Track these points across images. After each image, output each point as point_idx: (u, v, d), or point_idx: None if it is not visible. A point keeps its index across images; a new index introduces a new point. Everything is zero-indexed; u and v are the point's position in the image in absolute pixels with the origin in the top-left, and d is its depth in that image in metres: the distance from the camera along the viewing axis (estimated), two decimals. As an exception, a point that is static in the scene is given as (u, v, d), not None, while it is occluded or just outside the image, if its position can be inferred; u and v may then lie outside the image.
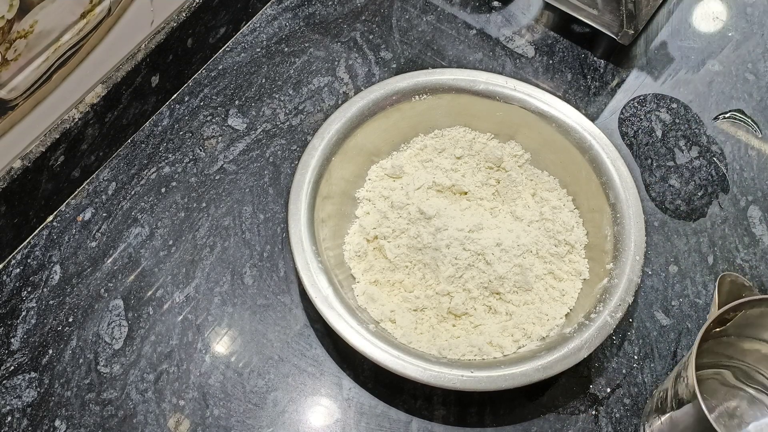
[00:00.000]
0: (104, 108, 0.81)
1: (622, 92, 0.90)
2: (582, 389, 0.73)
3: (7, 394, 0.72)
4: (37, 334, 0.75)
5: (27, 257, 0.79)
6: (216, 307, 0.77)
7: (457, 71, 0.82)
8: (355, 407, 0.73)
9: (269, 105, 0.88)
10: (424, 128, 0.82)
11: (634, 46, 0.93)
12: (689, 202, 0.83)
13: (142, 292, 0.78)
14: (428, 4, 0.95)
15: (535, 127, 0.80)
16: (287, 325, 0.76)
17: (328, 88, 0.90)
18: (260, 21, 0.94)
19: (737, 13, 0.97)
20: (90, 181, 0.83)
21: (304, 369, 0.74)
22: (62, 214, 0.81)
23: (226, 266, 0.79)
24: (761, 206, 0.83)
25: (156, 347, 0.75)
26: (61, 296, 0.77)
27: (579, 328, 0.70)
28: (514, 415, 0.72)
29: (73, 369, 0.74)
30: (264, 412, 0.72)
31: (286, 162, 0.85)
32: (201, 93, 0.89)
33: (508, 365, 0.68)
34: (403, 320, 0.73)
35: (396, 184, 0.80)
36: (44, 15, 0.70)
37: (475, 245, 0.74)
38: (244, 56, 0.92)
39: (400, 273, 0.76)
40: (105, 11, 0.76)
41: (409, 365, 0.67)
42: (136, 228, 0.81)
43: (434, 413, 0.72)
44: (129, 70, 0.81)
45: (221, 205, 0.82)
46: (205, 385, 0.73)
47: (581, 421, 0.72)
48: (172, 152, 0.85)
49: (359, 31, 0.94)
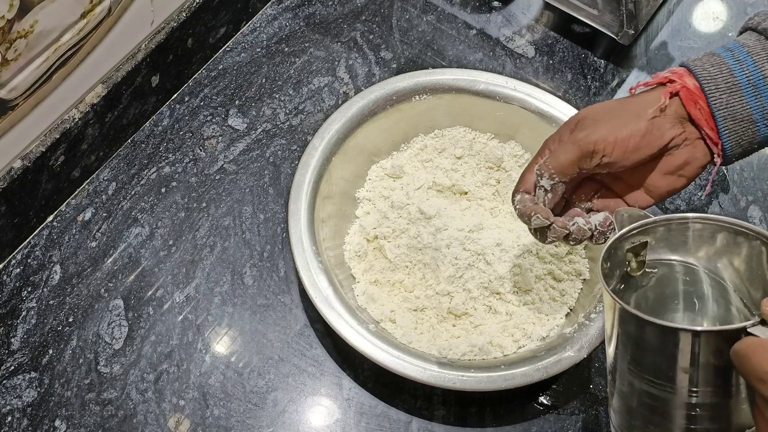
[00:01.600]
0: (104, 108, 0.81)
1: (623, 92, 0.90)
2: (582, 389, 0.73)
3: (7, 394, 0.72)
4: (37, 334, 0.75)
5: (27, 257, 0.79)
6: (216, 307, 0.77)
7: (457, 71, 0.82)
8: (355, 407, 0.73)
9: (269, 105, 0.88)
10: (424, 128, 0.82)
11: (635, 46, 0.93)
12: (689, 202, 0.83)
13: (142, 292, 0.78)
14: (428, 4, 0.95)
15: (536, 127, 0.80)
16: (287, 325, 0.76)
17: (329, 88, 0.90)
18: (260, 21, 0.94)
19: (737, 13, 0.97)
20: (90, 181, 0.83)
21: (304, 369, 0.74)
22: (62, 214, 0.81)
23: (226, 266, 0.79)
24: (761, 206, 0.83)
25: (156, 347, 0.75)
26: (62, 296, 0.77)
27: (579, 328, 0.70)
28: (514, 415, 0.72)
29: (73, 369, 0.74)
30: (264, 412, 0.72)
31: (286, 162, 0.85)
32: (201, 93, 0.89)
33: (508, 365, 0.68)
34: (403, 320, 0.73)
35: (396, 184, 0.80)
36: (44, 15, 0.70)
37: (475, 245, 0.74)
38: (245, 56, 0.92)
39: (400, 273, 0.76)
40: (105, 11, 0.76)
41: (409, 365, 0.67)
42: (136, 228, 0.81)
43: (434, 413, 0.72)
44: (129, 70, 0.81)
45: (221, 205, 0.82)
46: (205, 385, 0.73)
47: (581, 421, 0.72)
48: (173, 152, 0.85)
49: (359, 31, 0.94)
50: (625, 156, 0.62)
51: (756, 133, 0.61)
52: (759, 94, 0.60)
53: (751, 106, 0.60)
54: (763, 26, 0.61)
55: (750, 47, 0.61)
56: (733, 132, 0.61)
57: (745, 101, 0.60)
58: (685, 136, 0.62)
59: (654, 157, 0.63)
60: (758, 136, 0.61)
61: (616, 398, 0.58)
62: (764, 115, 0.60)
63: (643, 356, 0.54)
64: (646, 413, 0.56)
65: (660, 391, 0.54)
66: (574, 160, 0.62)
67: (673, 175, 0.63)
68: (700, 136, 0.62)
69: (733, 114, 0.60)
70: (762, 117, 0.60)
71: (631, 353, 0.56)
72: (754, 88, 0.60)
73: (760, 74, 0.60)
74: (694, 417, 0.53)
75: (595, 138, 0.61)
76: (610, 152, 0.61)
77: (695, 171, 0.63)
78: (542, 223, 0.63)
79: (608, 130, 0.61)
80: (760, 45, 0.61)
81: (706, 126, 0.61)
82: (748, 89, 0.60)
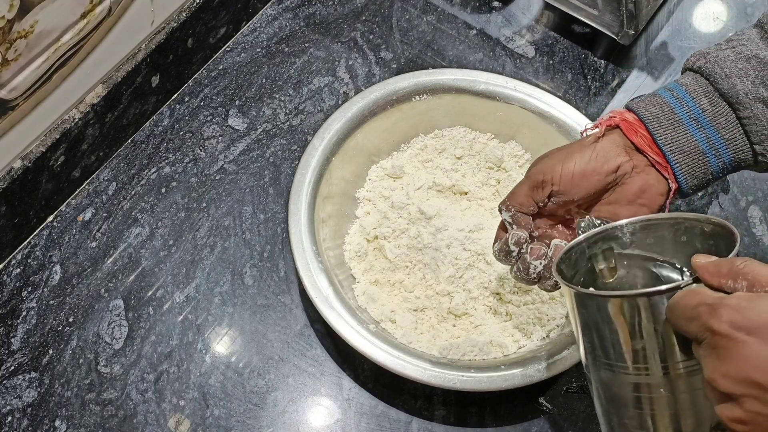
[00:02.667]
0: (104, 108, 0.81)
1: (623, 92, 0.90)
2: (582, 389, 0.73)
3: (8, 394, 0.72)
4: (37, 334, 0.75)
5: (27, 257, 0.79)
6: (216, 307, 0.77)
7: (457, 71, 0.82)
8: (355, 407, 0.73)
9: (269, 105, 0.88)
10: (424, 128, 0.82)
11: (635, 46, 0.93)
12: (689, 202, 0.83)
13: (142, 292, 0.78)
14: (428, 4, 0.95)
15: (536, 127, 0.80)
16: (287, 325, 0.76)
17: (329, 88, 0.90)
18: (260, 21, 0.94)
19: (737, 13, 0.97)
20: (90, 181, 0.83)
21: (304, 369, 0.74)
22: (62, 214, 0.82)
23: (226, 266, 0.79)
24: (761, 206, 0.83)
25: (156, 347, 0.75)
26: (62, 296, 0.77)
27: (579, 329, 0.70)
28: (514, 415, 0.72)
29: (74, 369, 0.74)
30: (264, 412, 0.72)
31: (286, 162, 0.85)
32: (201, 93, 0.89)
33: (509, 365, 0.68)
34: (403, 320, 0.73)
35: (396, 184, 0.80)
36: (45, 15, 0.70)
37: (476, 245, 0.74)
38: (245, 56, 0.92)
39: (400, 273, 0.76)
40: (105, 11, 0.76)
41: (409, 365, 0.67)
42: (136, 228, 0.81)
43: (434, 413, 0.72)
44: (129, 70, 0.81)
45: (221, 205, 0.82)
46: (205, 385, 0.73)
47: (581, 421, 0.72)
48: (173, 152, 0.85)
49: (359, 31, 0.94)
50: (573, 183, 0.64)
51: (707, 164, 0.63)
52: (701, 126, 0.62)
53: (696, 138, 0.62)
54: (698, 65, 0.63)
55: (688, 85, 0.63)
56: (684, 165, 0.63)
57: (689, 134, 0.62)
58: (634, 164, 0.64)
59: (608, 187, 0.65)
60: (710, 167, 0.63)
61: (596, 403, 0.59)
62: (711, 145, 0.62)
63: (600, 341, 0.55)
64: (618, 408, 0.56)
65: (618, 374, 0.54)
66: (527, 191, 0.66)
67: (633, 205, 0.65)
68: (649, 162, 0.64)
69: (681, 147, 0.63)
70: (709, 148, 0.62)
71: (589, 340, 0.56)
72: (696, 122, 0.62)
73: (699, 108, 0.62)
74: (657, 400, 0.53)
75: (543, 168, 0.65)
76: (558, 181, 0.64)
77: (656, 198, 0.65)
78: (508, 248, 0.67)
79: (555, 161, 0.65)
80: (697, 83, 0.63)
81: (651, 151, 0.63)
82: (690, 124, 0.63)
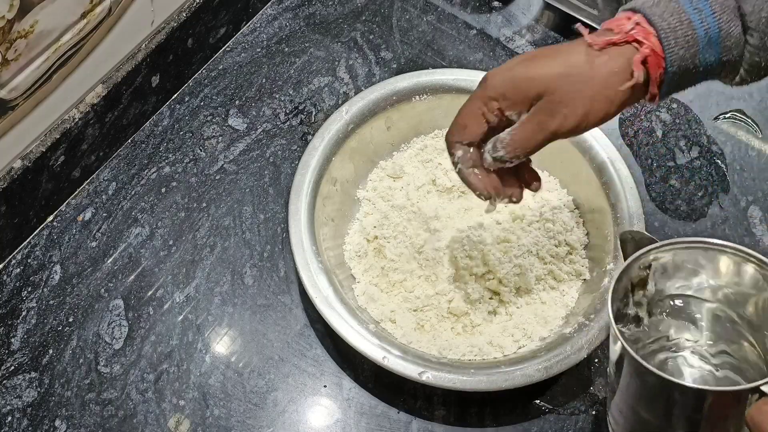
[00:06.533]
0: (104, 108, 0.81)
1: (623, 92, 0.90)
2: (582, 389, 0.73)
3: (8, 394, 0.72)
4: (37, 334, 0.75)
5: (27, 257, 0.79)
6: (216, 307, 0.77)
7: (457, 71, 0.82)
8: (355, 407, 0.73)
9: (269, 105, 0.88)
10: (424, 128, 0.82)
11: (635, 47, 0.93)
12: (689, 202, 0.83)
13: (142, 292, 0.78)
14: (428, 4, 0.95)
15: (536, 127, 0.80)
16: (287, 325, 0.76)
17: (329, 88, 0.90)
18: (260, 21, 0.94)
19: (737, 13, 0.97)
20: (90, 181, 0.83)
21: (304, 369, 0.74)
22: (62, 214, 0.82)
23: (226, 266, 0.79)
24: (761, 206, 0.83)
25: (156, 347, 0.75)
26: (62, 296, 0.77)
27: (579, 328, 0.70)
28: (514, 415, 0.72)
29: (74, 369, 0.74)
30: (264, 412, 0.72)
31: (286, 162, 0.85)
32: (201, 93, 0.89)
33: (508, 365, 0.68)
34: (403, 320, 0.73)
35: (396, 185, 0.80)
36: (45, 15, 0.70)
37: (476, 245, 0.74)
38: (245, 56, 0.92)
39: (400, 273, 0.76)
40: (105, 11, 0.76)
41: (409, 365, 0.67)
42: (136, 228, 0.81)
43: (434, 413, 0.72)
44: (129, 70, 0.81)
45: (221, 205, 0.82)
46: (205, 385, 0.73)
47: (581, 421, 0.72)
48: (173, 152, 0.85)
49: (359, 31, 0.94)
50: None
51: (694, 31, 0.57)
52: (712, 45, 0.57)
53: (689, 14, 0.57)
54: None
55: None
56: (671, 32, 0.57)
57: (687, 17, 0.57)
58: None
59: None
60: (695, 30, 0.57)
61: (616, 412, 0.60)
62: (696, 10, 0.57)
63: (648, 400, 0.57)
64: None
65: (641, 419, 0.56)
66: (542, 143, 0.60)
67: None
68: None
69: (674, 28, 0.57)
70: (695, 11, 0.57)
71: (635, 391, 0.58)
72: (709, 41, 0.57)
73: (717, 28, 0.57)
74: None
75: (569, 125, 0.58)
76: (582, 131, 0.59)
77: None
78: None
79: (583, 109, 0.58)
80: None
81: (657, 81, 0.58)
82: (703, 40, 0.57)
